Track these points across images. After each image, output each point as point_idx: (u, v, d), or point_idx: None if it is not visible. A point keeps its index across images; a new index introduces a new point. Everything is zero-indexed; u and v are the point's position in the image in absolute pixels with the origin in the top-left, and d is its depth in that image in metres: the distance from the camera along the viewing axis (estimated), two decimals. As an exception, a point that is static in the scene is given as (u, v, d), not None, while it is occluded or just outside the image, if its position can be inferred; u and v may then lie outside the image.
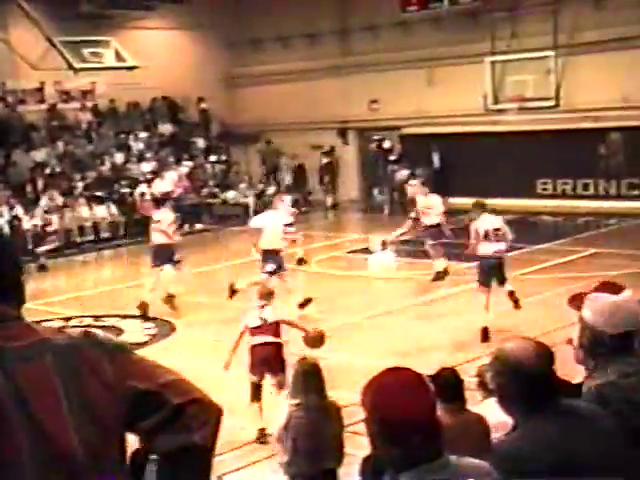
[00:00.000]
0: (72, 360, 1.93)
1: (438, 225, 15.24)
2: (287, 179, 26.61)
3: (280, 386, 8.30)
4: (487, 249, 11.70)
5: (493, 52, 22.21)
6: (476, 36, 22.42)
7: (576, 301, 3.33)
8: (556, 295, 12.82)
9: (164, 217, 14.04)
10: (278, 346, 8.62)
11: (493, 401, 5.22)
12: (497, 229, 11.84)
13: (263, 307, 8.70)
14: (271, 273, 12.99)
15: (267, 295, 8.73)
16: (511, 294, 11.91)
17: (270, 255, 13.12)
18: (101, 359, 1.98)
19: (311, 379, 6.09)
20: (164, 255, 13.91)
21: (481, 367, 5.80)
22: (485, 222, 11.91)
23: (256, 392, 8.64)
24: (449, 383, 5.28)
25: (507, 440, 2.95)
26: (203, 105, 27.25)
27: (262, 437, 8.45)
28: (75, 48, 20.80)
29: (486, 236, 11.73)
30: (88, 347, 1.98)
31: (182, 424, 2.01)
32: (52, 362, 1.90)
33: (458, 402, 5.28)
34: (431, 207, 15.52)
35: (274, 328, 8.63)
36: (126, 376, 2.00)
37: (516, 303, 11.93)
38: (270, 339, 8.57)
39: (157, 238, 13.93)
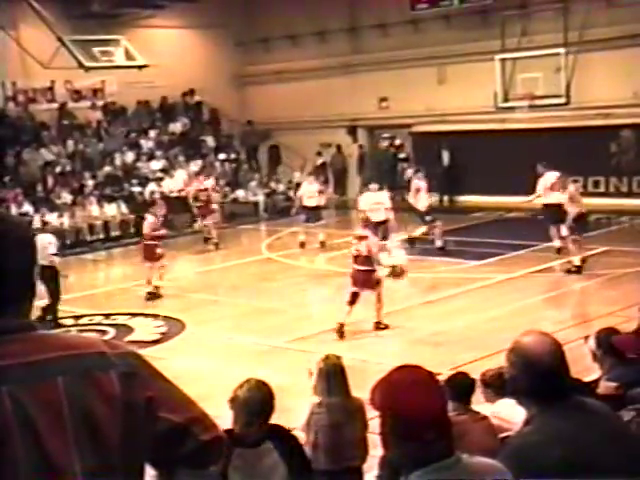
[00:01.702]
0: (83, 387, 1.83)
1: (386, 222, 15.45)
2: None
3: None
4: None
5: (503, 50, 22.13)
6: (486, 34, 22.35)
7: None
8: (567, 293, 12.85)
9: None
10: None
11: (502, 403, 5.26)
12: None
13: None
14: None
15: None
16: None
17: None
18: (114, 386, 1.87)
19: (334, 378, 6.05)
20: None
21: (484, 372, 5.82)
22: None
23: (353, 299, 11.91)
24: (463, 387, 5.34)
25: (518, 435, 2.96)
26: (197, 98, 27.13)
27: (340, 329, 11.70)
28: (85, 47, 20.84)
29: None
30: (101, 372, 1.87)
31: (204, 460, 2.05)
32: (63, 386, 1.81)
33: (464, 404, 5.33)
34: (380, 203, 16.19)
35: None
36: (157, 407, 1.93)
37: None
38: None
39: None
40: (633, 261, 15.36)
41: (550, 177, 15.89)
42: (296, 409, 6.37)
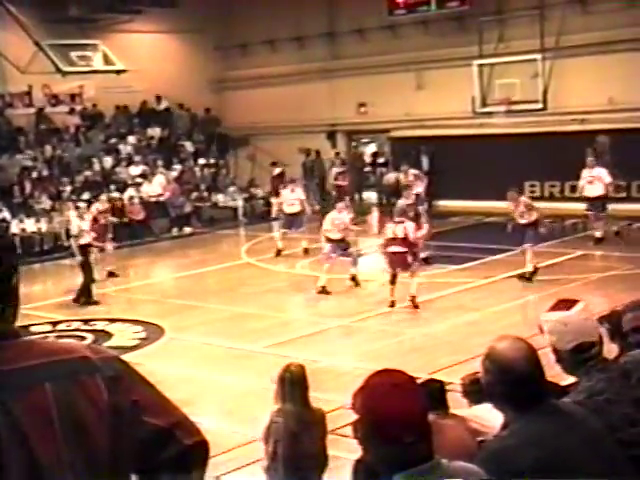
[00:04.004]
0: (71, 391, 1.84)
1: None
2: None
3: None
4: None
5: (481, 55, 22.28)
6: (464, 39, 22.47)
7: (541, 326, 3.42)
8: (541, 298, 12.92)
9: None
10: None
11: (480, 407, 5.30)
12: None
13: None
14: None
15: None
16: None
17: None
18: (101, 390, 1.88)
19: (294, 387, 6.01)
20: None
21: (464, 377, 5.85)
22: None
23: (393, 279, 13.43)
24: (434, 394, 5.34)
25: (495, 439, 2.98)
26: (164, 104, 27.05)
27: (392, 304, 13.17)
28: (63, 52, 20.78)
29: None
30: (87, 376, 1.87)
31: (187, 465, 2.04)
32: (51, 392, 1.81)
33: (442, 409, 5.35)
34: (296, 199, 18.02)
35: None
36: (141, 411, 1.94)
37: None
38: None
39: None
40: (610, 265, 15.51)
41: None
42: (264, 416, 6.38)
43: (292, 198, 18.61)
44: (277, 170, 24.57)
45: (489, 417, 4.76)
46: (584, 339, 3.26)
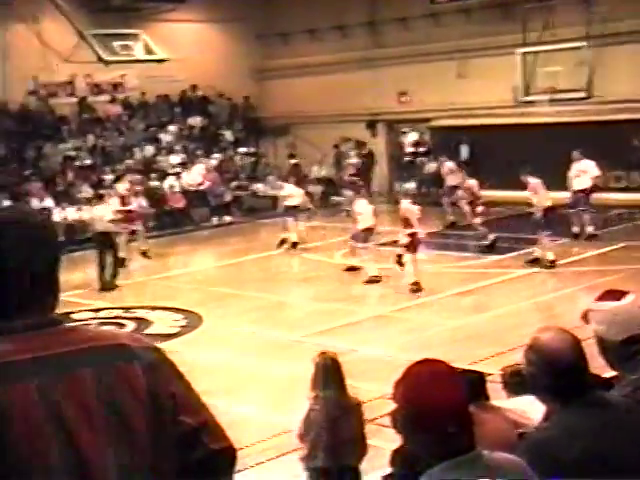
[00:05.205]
0: (109, 376, 1.84)
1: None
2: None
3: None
4: None
5: (525, 43, 21.98)
6: (507, 27, 22.20)
7: (586, 315, 3.32)
8: (582, 290, 12.76)
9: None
10: None
11: (520, 399, 5.22)
12: None
13: None
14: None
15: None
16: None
17: None
18: (139, 377, 1.87)
19: (331, 374, 6.07)
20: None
21: (504, 368, 5.77)
22: None
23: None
24: (474, 385, 5.28)
25: (537, 430, 2.95)
26: (201, 92, 27.10)
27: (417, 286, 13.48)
28: (105, 41, 20.96)
29: None
30: (125, 363, 1.87)
31: (214, 470, 1.98)
32: (90, 376, 1.81)
33: (482, 400, 5.28)
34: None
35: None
36: (177, 405, 1.91)
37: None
38: None
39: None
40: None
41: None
42: (301, 406, 6.37)
43: (293, 191, 18.79)
44: (293, 161, 24.53)
45: (529, 409, 4.70)
46: (635, 331, 3.17)
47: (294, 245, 18.26)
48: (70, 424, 1.78)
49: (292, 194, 18.72)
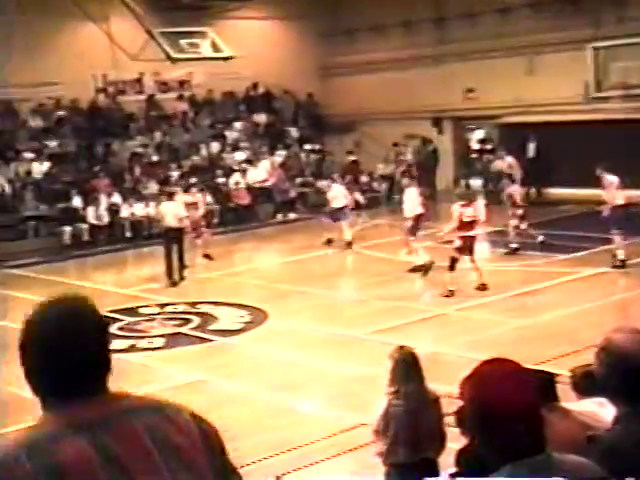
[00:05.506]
0: (161, 423, 1.96)
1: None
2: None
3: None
4: None
5: (596, 38, 21.53)
6: (578, 21, 21.78)
7: None
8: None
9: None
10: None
11: (590, 401, 5.09)
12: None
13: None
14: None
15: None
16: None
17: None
18: (190, 423, 2.01)
19: (411, 367, 6.04)
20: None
21: (574, 369, 5.64)
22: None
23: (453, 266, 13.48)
24: (544, 386, 5.17)
25: (609, 433, 2.87)
26: (262, 89, 27.24)
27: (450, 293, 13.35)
28: (173, 39, 21.19)
29: None
30: (174, 413, 2.01)
31: None
32: (142, 425, 1.93)
33: (551, 402, 5.17)
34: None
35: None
36: (225, 463, 2.04)
37: None
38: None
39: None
40: None
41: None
42: (378, 400, 6.32)
43: (340, 193, 18.83)
44: (351, 158, 24.45)
45: (599, 411, 4.59)
46: None
47: (349, 245, 18.27)
48: (132, 470, 1.87)
49: (338, 196, 18.74)
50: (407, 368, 6.03)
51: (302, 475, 7.32)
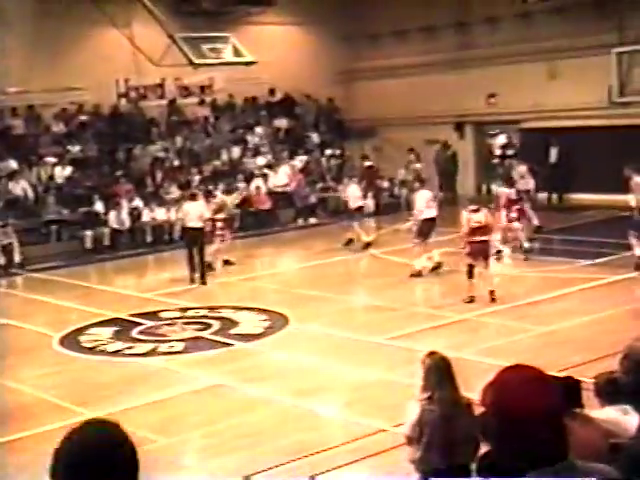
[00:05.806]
0: None
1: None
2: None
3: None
4: None
5: (621, 43, 21.37)
6: (602, 26, 21.63)
7: None
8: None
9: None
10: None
11: (614, 408, 5.03)
12: None
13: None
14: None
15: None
16: None
17: None
18: None
19: (444, 373, 6.00)
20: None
21: (598, 376, 5.57)
22: None
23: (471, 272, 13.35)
24: (569, 393, 5.11)
25: (632, 442, 2.87)
26: (279, 95, 27.22)
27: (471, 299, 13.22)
28: (195, 44, 21.26)
29: None
30: None
31: None
32: None
33: (575, 409, 5.11)
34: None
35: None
36: None
37: None
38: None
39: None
40: None
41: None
42: (398, 406, 6.28)
43: (356, 193, 19.33)
44: (367, 163, 24.40)
45: (623, 419, 4.53)
46: None
47: (367, 246, 18.46)
48: None
49: (355, 196, 18.94)
50: (440, 373, 5.99)
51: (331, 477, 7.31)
